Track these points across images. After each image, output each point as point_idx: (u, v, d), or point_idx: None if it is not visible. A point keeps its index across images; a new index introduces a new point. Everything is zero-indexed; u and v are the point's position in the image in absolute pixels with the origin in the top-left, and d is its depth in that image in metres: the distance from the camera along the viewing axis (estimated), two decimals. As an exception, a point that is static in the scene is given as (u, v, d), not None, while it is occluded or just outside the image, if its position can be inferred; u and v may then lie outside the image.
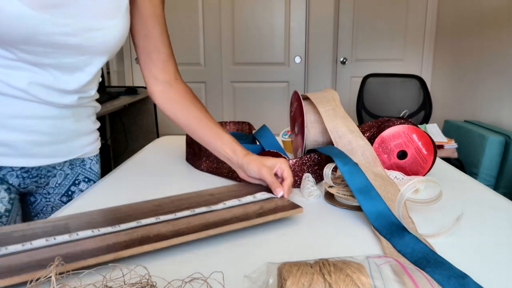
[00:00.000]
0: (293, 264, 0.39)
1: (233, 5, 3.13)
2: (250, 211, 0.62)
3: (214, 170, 0.89)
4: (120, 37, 0.73)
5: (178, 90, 0.82)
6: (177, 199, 0.68)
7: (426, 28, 3.18)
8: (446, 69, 3.01)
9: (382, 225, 0.59)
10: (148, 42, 0.79)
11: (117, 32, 0.72)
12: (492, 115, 2.39)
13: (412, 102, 2.62)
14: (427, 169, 0.84)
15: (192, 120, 0.80)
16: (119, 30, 0.72)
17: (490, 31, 2.42)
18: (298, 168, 0.81)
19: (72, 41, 0.66)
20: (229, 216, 0.59)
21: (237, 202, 0.65)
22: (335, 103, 0.86)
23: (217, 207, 0.64)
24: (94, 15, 0.68)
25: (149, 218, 0.59)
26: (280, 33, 3.16)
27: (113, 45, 0.73)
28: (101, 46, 0.71)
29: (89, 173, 0.86)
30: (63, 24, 0.63)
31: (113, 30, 0.71)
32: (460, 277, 0.45)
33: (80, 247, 0.50)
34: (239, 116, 3.33)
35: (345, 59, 3.26)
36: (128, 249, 0.50)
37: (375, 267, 0.39)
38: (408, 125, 0.83)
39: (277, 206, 0.63)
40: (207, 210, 0.62)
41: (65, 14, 0.63)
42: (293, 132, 0.98)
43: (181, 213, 0.61)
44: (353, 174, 0.67)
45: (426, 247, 0.53)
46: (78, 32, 0.66)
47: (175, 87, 0.83)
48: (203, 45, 3.21)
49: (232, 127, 1.14)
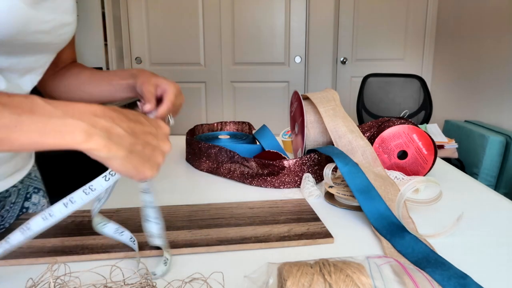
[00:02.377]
0: (293, 264, 0.39)
1: (233, 5, 3.13)
2: (275, 232, 0.59)
3: (214, 170, 0.89)
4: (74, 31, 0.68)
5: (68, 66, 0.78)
6: (215, 207, 0.68)
7: (426, 28, 3.18)
8: (446, 69, 3.01)
9: (382, 225, 0.59)
10: None
11: (75, 26, 0.67)
12: (493, 115, 2.39)
13: (412, 102, 2.62)
14: (428, 169, 0.84)
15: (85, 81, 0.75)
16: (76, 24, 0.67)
17: (490, 31, 2.42)
18: (298, 168, 0.81)
19: (45, 39, 0.60)
20: (249, 235, 0.57)
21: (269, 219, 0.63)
22: (335, 103, 0.86)
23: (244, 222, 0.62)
24: (65, 9, 0.62)
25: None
26: (280, 33, 3.16)
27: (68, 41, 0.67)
28: (63, 43, 0.65)
29: (36, 182, 0.78)
30: (45, 21, 0.58)
31: (74, 25, 0.66)
32: (460, 277, 0.45)
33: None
34: (239, 116, 3.32)
35: (345, 59, 3.26)
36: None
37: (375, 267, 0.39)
38: (408, 125, 0.83)
39: (307, 232, 0.59)
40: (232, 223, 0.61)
41: (49, 9, 0.58)
42: (293, 132, 0.98)
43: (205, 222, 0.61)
44: (353, 174, 0.67)
45: (426, 247, 0.53)
46: (53, 29, 0.60)
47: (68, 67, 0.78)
48: (203, 45, 3.21)
49: (232, 127, 1.14)
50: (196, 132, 1.09)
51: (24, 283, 0.45)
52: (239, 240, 0.56)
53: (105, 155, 0.38)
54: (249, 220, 0.63)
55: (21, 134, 0.35)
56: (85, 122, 0.37)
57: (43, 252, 0.52)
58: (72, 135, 0.37)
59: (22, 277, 0.48)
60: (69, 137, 0.37)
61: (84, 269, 0.47)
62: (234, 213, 0.65)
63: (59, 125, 0.37)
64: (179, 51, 3.22)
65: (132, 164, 0.40)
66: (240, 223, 0.61)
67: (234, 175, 0.85)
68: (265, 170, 0.81)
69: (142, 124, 0.43)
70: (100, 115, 0.39)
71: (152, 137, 0.44)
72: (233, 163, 0.85)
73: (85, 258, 0.51)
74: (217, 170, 0.88)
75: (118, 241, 0.55)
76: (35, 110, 0.36)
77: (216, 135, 1.07)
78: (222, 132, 1.12)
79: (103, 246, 0.54)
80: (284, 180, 0.81)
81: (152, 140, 0.43)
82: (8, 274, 0.49)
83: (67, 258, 0.51)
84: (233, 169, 0.85)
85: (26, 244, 0.54)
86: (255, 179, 0.82)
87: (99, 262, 0.51)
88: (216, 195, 0.77)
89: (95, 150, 0.38)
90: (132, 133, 0.41)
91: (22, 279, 0.47)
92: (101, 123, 0.38)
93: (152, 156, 0.43)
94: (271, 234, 0.58)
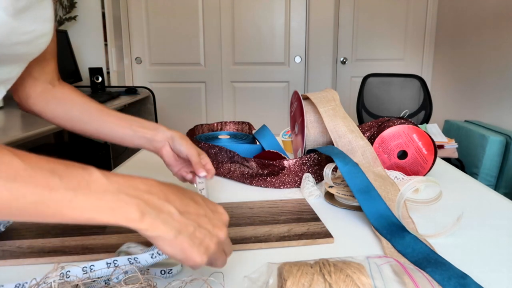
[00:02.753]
0: (293, 264, 0.39)
1: (233, 5, 3.13)
2: (275, 232, 0.59)
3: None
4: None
5: (63, 89, 0.73)
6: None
7: (426, 28, 3.18)
8: (446, 68, 3.01)
9: (382, 225, 0.59)
10: None
11: (51, 35, 0.62)
12: (493, 115, 2.39)
13: (412, 102, 2.62)
14: (428, 169, 0.84)
15: (92, 112, 0.71)
16: (52, 32, 0.62)
17: (490, 31, 2.42)
18: (298, 168, 0.81)
19: (23, 50, 0.56)
20: (249, 235, 0.57)
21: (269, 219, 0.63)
22: (335, 103, 0.86)
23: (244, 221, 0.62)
24: (46, 17, 0.58)
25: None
26: (280, 33, 3.16)
27: (43, 50, 0.63)
28: (39, 52, 0.61)
29: None
30: (26, 32, 0.54)
31: (50, 34, 0.61)
32: (460, 277, 0.45)
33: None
34: (239, 116, 3.32)
35: (345, 59, 3.26)
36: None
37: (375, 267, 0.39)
38: (408, 125, 0.83)
39: (307, 232, 0.59)
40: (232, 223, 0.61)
41: (31, 20, 0.54)
42: (293, 132, 0.98)
43: None
44: (353, 174, 0.67)
45: (426, 247, 0.53)
46: (33, 40, 0.56)
47: (59, 87, 0.73)
48: (203, 45, 3.21)
49: (232, 127, 1.14)
50: (196, 132, 1.09)
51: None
52: (239, 240, 0.56)
53: (152, 234, 0.37)
54: (249, 220, 0.63)
55: (74, 210, 0.35)
56: (138, 199, 0.37)
57: (43, 252, 0.52)
58: (124, 214, 0.36)
59: (22, 277, 0.48)
60: (121, 215, 0.36)
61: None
62: (234, 213, 0.65)
63: (113, 201, 0.36)
64: (179, 51, 3.22)
65: (180, 246, 0.38)
66: (240, 223, 0.61)
67: (234, 175, 0.85)
68: (265, 170, 0.81)
69: (197, 205, 0.41)
70: (154, 192, 0.38)
71: (206, 221, 0.41)
72: (233, 163, 0.85)
73: (85, 258, 0.51)
74: (217, 170, 0.88)
75: (118, 241, 0.55)
76: (91, 185, 0.36)
77: (216, 135, 1.07)
78: (222, 132, 1.12)
79: (103, 246, 0.54)
80: (284, 180, 0.81)
81: (206, 224, 0.41)
82: (8, 274, 0.49)
83: (67, 258, 0.51)
84: (233, 169, 0.85)
85: (26, 244, 0.54)
86: (255, 179, 0.82)
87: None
88: (216, 195, 0.77)
89: (143, 230, 0.37)
90: (185, 213, 0.39)
91: (23, 279, 0.47)
92: (153, 201, 0.38)
93: (203, 241, 0.40)
94: (271, 234, 0.58)
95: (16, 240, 0.56)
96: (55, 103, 0.71)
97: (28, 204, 0.33)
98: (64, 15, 2.77)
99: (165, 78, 3.29)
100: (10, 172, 0.32)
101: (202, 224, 0.40)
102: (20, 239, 0.56)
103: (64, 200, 0.34)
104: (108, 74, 3.07)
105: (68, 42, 2.60)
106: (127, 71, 3.30)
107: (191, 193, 0.42)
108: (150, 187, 0.39)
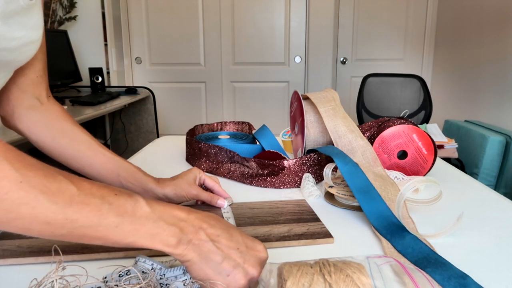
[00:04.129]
0: (293, 264, 0.39)
1: (233, 5, 3.13)
2: (275, 232, 0.59)
3: (214, 170, 0.89)
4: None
5: (53, 109, 0.66)
6: (215, 207, 0.68)
7: (426, 28, 3.18)
8: (446, 68, 3.01)
9: (382, 225, 0.59)
10: None
11: (40, 43, 0.59)
12: (493, 115, 2.39)
13: (412, 102, 2.62)
14: (428, 169, 0.84)
15: (81, 145, 0.65)
16: (41, 40, 0.59)
17: (490, 31, 2.42)
18: (298, 168, 0.81)
19: (9, 57, 0.53)
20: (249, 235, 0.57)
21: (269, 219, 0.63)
22: (335, 103, 0.86)
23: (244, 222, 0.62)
24: (34, 24, 0.55)
25: None
26: (280, 33, 3.16)
27: (30, 58, 0.59)
28: (26, 60, 0.58)
29: None
30: (13, 39, 0.51)
31: (39, 42, 0.58)
32: (460, 277, 0.45)
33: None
34: (239, 116, 3.32)
35: (345, 59, 3.26)
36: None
37: (375, 267, 0.39)
38: (408, 125, 0.83)
39: (307, 232, 0.59)
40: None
41: (19, 25, 0.52)
42: (293, 132, 0.98)
43: None
44: (353, 174, 0.67)
45: (426, 247, 0.53)
46: (21, 46, 0.54)
47: (48, 106, 0.66)
48: (203, 45, 3.21)
49: (232, 127, 1.14)
50: (196, 132, 1.09)
51: (24, 283, 0.45)
52: None
53: (183, 259, 0.40)
54: (249, 220, 0.63)
55: (118, 234, 0.37)
56: (175, 227, 0.40)
57: (43, 252, 0.52)
58: (162, 241, 0.39)
59: (22, 277, 0.48)
60: (159, 241, 0.39)
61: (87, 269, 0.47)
62: (234, 213, 0.65)
63: (153, 228, 0.39)
64: (179, 51, 3.22)
65: (204, 272, 0.40)
66: (240, 223, 0.61)
67: (234, 175, 0.85)
68: (265, 170, 0.81)
69: (230, 237, 0.42)
70: (190, 219, 0.41)
71: (238, 254, 0.41)
72: (233, 163, 0.85)
73: (85, 257, 0.51)
74: (217, 170, 0.88)
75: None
76: (136, 212, 0.39)
77: (216, 135, 1.07)
78: (222, 132, 1.12)
79: (103, 245, 0.54)
80: (284, 180, 0.81)
81: (236, 257, 0.41)
82: (9, 274, 0.49)
83: (67, 258, 0.51)
84: (233, 169, 0.85)
85: (26, 244, 0.54)
86: (255, 179, 0.82)
87: (99, 262, 0.51)
88: (216, 195, 0.77)
89: (177, 255, 0.40)
90: (215, 242, 0.41)
91: (23, 279, 0.47)
92: (188, 228, 0.41)
93: (232, 273, 0.40)
94: (271, 234, 0.58)
95: (16, 239, 0.55)
96: (42, 126, 0.66)
97: (78, 227, 0.36)
98: (64, 15, 2.77)
99: (165, 78, 3.29)
100: (66, 198, 0.35)
101: (231, 256, 0.41)
102: (20, 238, 0.56)
103: (112, 226, 0.37)
104: (108, 74, 3.07)
105: (68, 42, 2.60)
106: (127, 71, 3.30)
107: (227, 225, 0.44)
108: (187, 215, 0.42)
